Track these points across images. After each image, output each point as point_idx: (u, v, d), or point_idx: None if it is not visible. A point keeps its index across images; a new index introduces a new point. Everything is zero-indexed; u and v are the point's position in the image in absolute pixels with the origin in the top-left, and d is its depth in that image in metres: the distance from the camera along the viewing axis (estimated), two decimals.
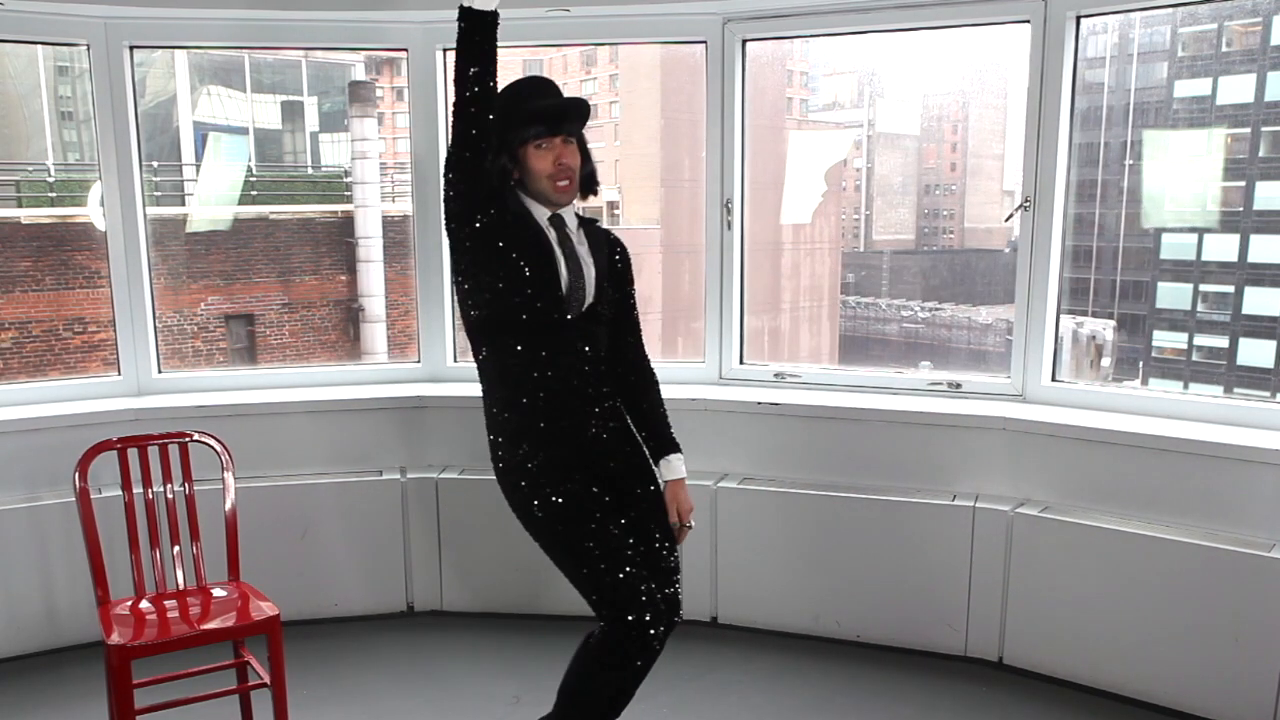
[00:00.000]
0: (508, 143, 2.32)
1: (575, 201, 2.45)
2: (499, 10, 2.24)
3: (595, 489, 2.37)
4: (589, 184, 2.45)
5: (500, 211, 2.31)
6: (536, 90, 2.37)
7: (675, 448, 2.52)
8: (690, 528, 2.52)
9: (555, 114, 2.33)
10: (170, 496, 2.75)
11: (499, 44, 2.26)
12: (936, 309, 8.51)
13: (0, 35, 3.43)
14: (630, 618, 2.23)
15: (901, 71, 8.56)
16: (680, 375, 3.74)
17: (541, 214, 2.38)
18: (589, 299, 2.38)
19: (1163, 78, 8.18)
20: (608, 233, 2.52)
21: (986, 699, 3.06)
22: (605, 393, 2.44)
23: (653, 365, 2.57)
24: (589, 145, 2.45)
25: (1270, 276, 8.17)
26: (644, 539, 2.45)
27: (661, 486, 2.52)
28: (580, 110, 2.38)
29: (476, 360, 2.44)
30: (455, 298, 2.44)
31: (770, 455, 3.52)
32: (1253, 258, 8.18)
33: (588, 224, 2.48)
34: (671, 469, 2.49)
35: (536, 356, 2.34)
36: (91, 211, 7.56)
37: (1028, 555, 3.12)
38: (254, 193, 9.54)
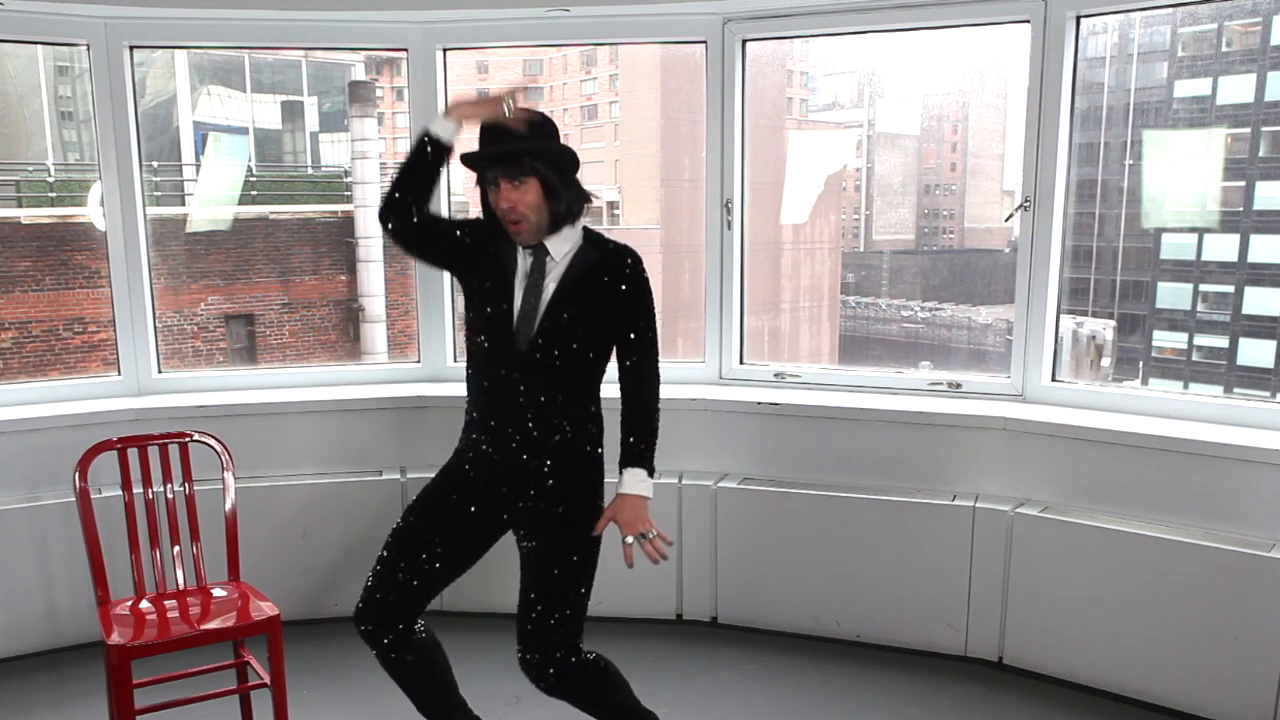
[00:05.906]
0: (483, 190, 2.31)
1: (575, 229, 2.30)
2: (453, 146, 2.28)
3: (468, 509, 2.42)
4: (559, 222, 2.27)
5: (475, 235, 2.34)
6: (482, 138, 2.27)
7: (635, 464, 2.29)
8: (641, 542, 2.26)
9: (477, 163, 2.26)
10: (170, 496, 2.74)
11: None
12: (936, 309, 8.50)
13: (0, 35, 3.43)
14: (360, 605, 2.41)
15: (901, 71, 8.56)
16: (680, 375, 3.74)
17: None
18: (533, 334, 2.24)
19: (1163, 78, 8.17)
20: (611, 253, 2.30)
21: (986, 699, 3.06)
22: (547, 466, 2.29)
23: (651, 390, 2.31)
24: (567, 175, 2.26)
25: (1270, 276, 8.16)
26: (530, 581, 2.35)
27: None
28: (503, 156, 2.21)
29: None
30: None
31: (770, 455, 3.52)
32: (1253, 258, 8.17)
33: (594, 252, 2.30)
34: (622, 482, 2.29)
35: (477, 388, 2.35)
36: (91, 211, 7.56)
37: (1028, 555, 3.12)
38: (254, 193, 9.54)
